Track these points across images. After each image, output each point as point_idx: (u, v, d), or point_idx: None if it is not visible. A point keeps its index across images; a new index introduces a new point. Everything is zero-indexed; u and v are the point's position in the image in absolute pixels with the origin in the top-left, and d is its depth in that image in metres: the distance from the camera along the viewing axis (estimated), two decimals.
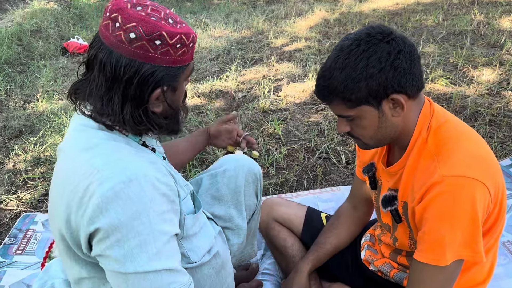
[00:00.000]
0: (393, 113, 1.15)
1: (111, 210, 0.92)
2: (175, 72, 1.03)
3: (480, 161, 1.12)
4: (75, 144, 1.04)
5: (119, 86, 0.99)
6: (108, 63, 0.98)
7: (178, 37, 0.99)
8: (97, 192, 0.92)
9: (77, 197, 0.95)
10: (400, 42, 1.09)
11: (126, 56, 0.97)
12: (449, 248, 1.10)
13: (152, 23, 0.96)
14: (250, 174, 1.54)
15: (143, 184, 0.94)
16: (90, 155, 0.98)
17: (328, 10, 6.11)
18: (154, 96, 1.02)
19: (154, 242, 0.95)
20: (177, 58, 1.01)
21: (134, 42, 0.96)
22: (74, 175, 0.97)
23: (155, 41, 0.97)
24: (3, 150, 3.04)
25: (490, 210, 1.15)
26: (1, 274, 1.87)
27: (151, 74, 0.99)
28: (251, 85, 3.73)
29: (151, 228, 0.94)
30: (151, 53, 0.97)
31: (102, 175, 0.94)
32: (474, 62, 3.81)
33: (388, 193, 1.32)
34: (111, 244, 0.94)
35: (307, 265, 1.57)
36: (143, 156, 1.04)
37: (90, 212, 0.93)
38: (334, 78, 1.10)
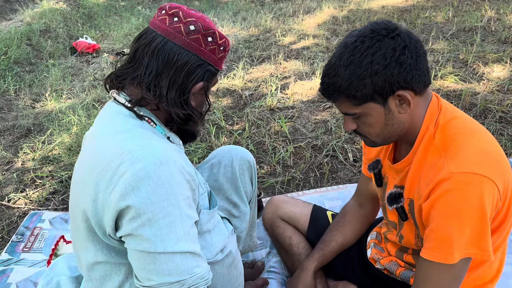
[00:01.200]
0: (400, 109, 1.13)
1: (142, 189, 0.94)
2: (214, 72, 1.13)
3: (488, 157, 1.10)
4: (106, 128, 1.08)
5: (169, 71, 1.07)
6: (162, 51, 1.06)
7: (225, 40, 1.13)
8: (129, 171, 0.95)
9: (107, 176, 0.98)
10: (405, 38, 1.07)
11: (181, 45, 1.07)
12: (456, 246, 1.08)
13: (208, 22, 1.10)
14: (244, 162, 1.58)
15: (173, 168, 0.98)
16: (122, 137, 1.02)
17: (336, 7, 6.07)
18: (197, 88, 1.10)
19: (181, 224, 0.98)
20: (217, 60, 1.13)
21: (192, 34, 1.07)
22: (105, 155, 1.00)
23: (208, 37, 1.08)
24: (12, 149, 3.06)
25: (499, 207, 1.13)
26: (8, 271, 1.88)
27: (198, 66, 1.09)
28: (258, 83, 3.72)
29: (179, 210, 0.98)
30: (203, 47, 1.08)
31: (134, 155, 0.97)
32: (485, 59, 3.76)
33: (394, 190, 1.30)
34: (142, 223, 0.95)
35: (313, 263, 1.56)
36: (169, 145, 1.09)
37: (121, 189, 0.95)
38: (338, 76, 1.09)
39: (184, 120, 1.13)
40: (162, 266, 0.97)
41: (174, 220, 0.97)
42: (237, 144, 2.84)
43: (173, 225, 0.97)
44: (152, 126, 1.12)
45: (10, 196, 2.52)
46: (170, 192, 0.97)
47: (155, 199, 0.95)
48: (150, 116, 1.12)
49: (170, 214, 0.97)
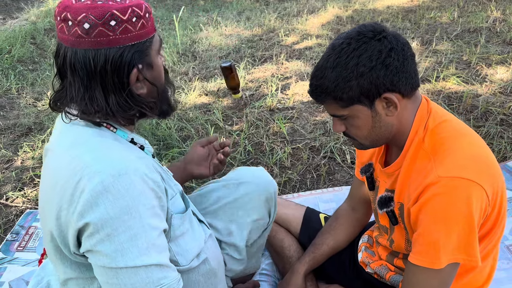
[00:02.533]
0: (387, 112, 1.12)
1: (101, 204, 0.91)
2: (143, 48, 1.01)
3: (477, 162, 1.09)
4: (62, 142, 1.04)
5: (96, 80, 0.98)
6: (77, 63, 0.97)
7: (130, 10, 0.97)
8: (87, 187, 0.92)
9: (67, 194, 0.95)
10: (392, 40, 1.06)
11: (90, 48, 0.96)
12: (443, 251, 1.07)
13: (100, 7, 0.95)
14: (265, 193, 1.48)
15: (133, 178, 0.94)
16: (79, 151, 0.98)
17: (341, 7, 6.04)
18: (133, 77, 1.01)
19: (144, 236, 0.95)
20: (138, 33, 1.00)
21: (91, 31, 0.95)
22: (64, 171, 0.97)
23: (110, 23, 0.95)
24: (12, 147, 3.08)
25: (488, 213, 1.11)
26: (1, 270, 1.89)
27: (120, 56, 0.98)
28: (259, 84, 3.71)
29: (141, 222, 0.94)
30: (112, 36, 0.96)
31: (92, 169, 0.93)
32: (488, 60, 3.72)
33: (385, 194, 1.29)
34: (101, 239, 0.93)
35: (304, 266, 1.55)
36: (131, 151, 1.03)
37: (80, 207, 0.92)
38: (325, 78, 1.09)
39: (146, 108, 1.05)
40: (125, 281, 0.94)
41: (136, 234, 0.94)
42: (235, 145, 2.83)
43: (135, 238, 0.93)
44: (113, 131, 1.06)
45: (8, 194, 2.53)
46: (131, 204, 0.93)
47: (115, 214, 0.92)
48: (107, 121, 1.06)
49: (132, 228, 0.93)
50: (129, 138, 1.10)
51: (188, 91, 3.65)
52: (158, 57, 1.08)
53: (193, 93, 3.58)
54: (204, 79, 3.96)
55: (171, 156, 2.73)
